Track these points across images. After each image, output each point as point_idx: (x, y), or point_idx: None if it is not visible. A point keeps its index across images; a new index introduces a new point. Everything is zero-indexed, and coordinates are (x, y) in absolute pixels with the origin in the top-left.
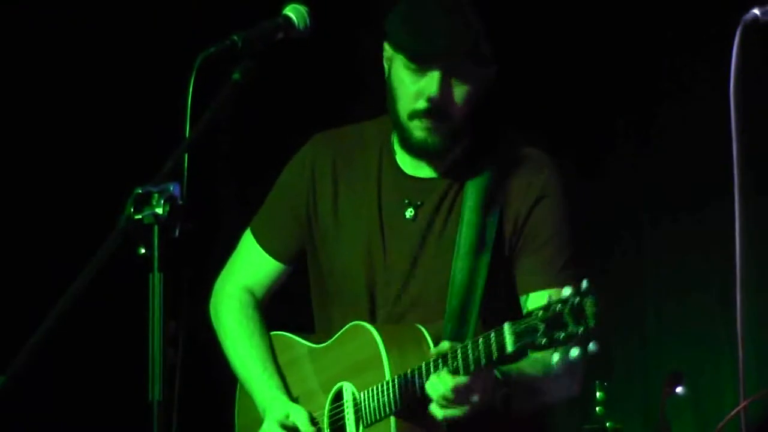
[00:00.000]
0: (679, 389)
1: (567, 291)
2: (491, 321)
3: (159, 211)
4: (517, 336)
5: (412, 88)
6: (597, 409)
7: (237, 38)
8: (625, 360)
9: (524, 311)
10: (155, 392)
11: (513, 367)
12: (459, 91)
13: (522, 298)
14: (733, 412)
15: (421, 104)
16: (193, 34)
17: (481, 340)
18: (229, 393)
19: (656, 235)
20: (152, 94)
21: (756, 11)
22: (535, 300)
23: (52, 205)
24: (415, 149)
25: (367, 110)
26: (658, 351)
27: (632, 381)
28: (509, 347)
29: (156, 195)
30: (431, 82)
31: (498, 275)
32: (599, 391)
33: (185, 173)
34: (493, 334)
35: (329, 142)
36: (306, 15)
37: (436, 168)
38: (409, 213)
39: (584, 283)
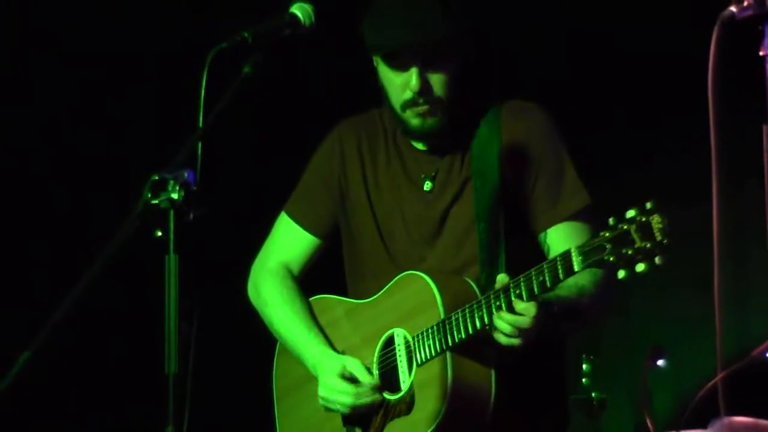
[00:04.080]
0: (660, 362)
1: (632, 212)
2: (515, 263)
3: (174, 196)
4: (585, 255)
5: (397, 81)
6: (583, 380)
7: (247, 34)
8: (610, 335)
9: (544, 248)
10: (171, 365)
11: (551, 294)
12: (439, 78)
13: (541, 236)
14: (710, 384)
15: (408, 95)
16: (205, 31)
17: (545, 265)
18: (240, 365)
19: None
20: (168, 87)
21: (733, 8)
22: (553, 235)
23: (76, 190)
24: (415, 135)
25: (377, 99)
26: (641, 327)
27: (616, 355)
28: (576, 266)
29: (171, 181)
30: (410, 76)
31: (516, 219)
32: (586, 364)
33: (199, 161)
34: (558, 258)
35: (354, 126)
36: (311, 13)
37: (446, 139)
38: (428, 186)
39: (649, 203)
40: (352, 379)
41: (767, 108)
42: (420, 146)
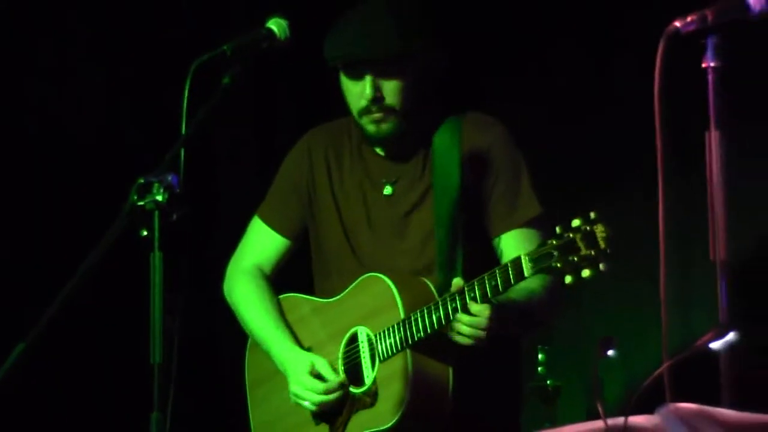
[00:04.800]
0: (610, 352)
1: (577, 221)
2: (472, 267)
3: (159, 198)
4: (534, 262)
5: (354, 90)
6: (539, 369)
7: (227, 48)
8: (563, 327)
9: (497, 252)
10: (156, 355)
11: (503, 297)
12: (392, 87)
13: (495, 241)
14: (656, 372)
15: (363, 102)
16: (187, 45)
17: (497, 270)
18: (219, 355)
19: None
20: (153, 97)
21: (677, 24)
22: (507, 240)
23: (67, 194)
24: (373, 141)
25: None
26: (593, 319)
27: (570, 345)
28: (526, 272)
29: (156, 184)
30: (365, 85)
31: (473, 225)
32: (541, 353)
33: (182, 165)
34: (509, 264)
35: (321, 134)
36: (286, 28)
37: (405, 146)
38: (388, 190)
39: (592, 214)
40: (320, 377)
41: (710, 116)
42: (381, 152)
